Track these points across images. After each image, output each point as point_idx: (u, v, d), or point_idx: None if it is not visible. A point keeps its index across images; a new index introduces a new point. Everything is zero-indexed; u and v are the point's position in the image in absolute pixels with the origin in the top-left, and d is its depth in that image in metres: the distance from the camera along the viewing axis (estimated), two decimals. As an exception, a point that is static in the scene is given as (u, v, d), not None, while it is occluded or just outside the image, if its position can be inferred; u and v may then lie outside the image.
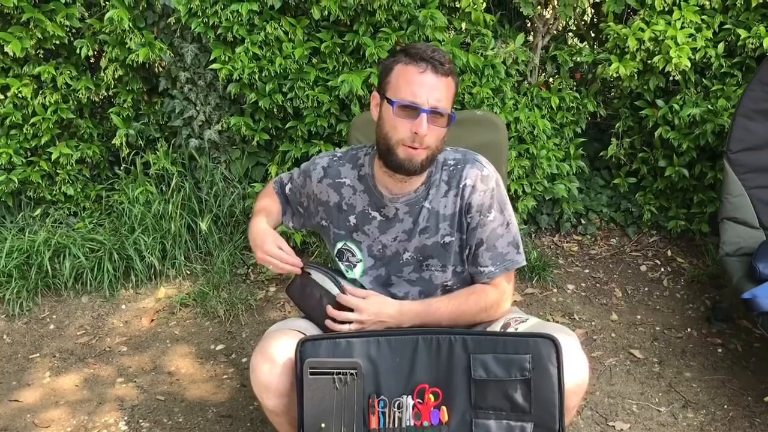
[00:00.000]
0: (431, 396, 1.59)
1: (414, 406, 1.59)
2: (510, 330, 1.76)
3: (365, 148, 1.89)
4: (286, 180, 2.01)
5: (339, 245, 1.89)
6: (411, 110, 1.64)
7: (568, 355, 1.56)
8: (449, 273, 1.84)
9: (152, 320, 3.08)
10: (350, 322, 1.74)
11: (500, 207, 1.81)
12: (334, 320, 1.75)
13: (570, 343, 1.61)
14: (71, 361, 2.83)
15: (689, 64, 3.00)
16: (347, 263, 1.89)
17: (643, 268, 3.37)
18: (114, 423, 2.49)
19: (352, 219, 1.85)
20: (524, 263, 1.86)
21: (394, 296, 1.84)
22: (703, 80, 3.19)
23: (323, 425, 1.51)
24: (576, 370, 1.60)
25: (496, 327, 1.82)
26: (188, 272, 3.34)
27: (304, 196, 1.94)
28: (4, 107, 3.19)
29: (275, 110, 3.13)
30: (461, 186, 1.78)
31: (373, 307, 1.75)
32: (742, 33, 3.00)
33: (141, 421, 2.50)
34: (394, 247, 1.83)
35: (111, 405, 2.58)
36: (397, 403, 1.59)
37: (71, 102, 3.29)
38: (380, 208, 1.82)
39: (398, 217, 1.81)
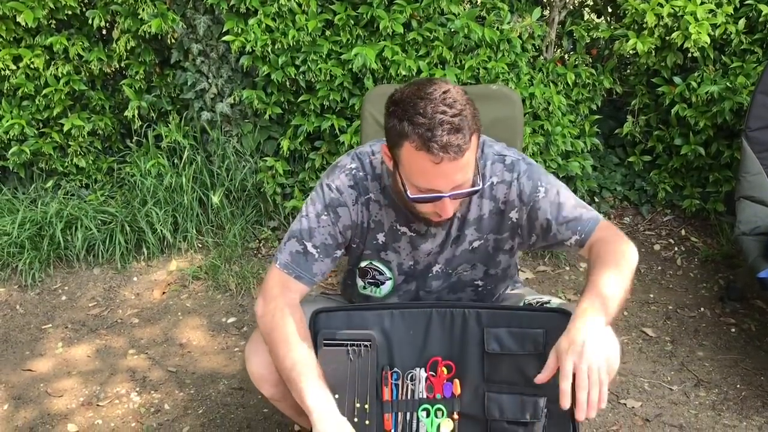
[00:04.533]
0: (444, 369, 1.59)
1: (427, 378, 1.58)
2: None
3: (377, 155, 1.65)
4: (298, 249, 1.63)
5: (363, 264, 1.74)
6: (430, 191, 1.46)
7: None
8: (479, 270, 1.75)
9: (164, 293, 3.08)
10: None
11: (544, 181, 1.61)
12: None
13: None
14: (83, 332, 2.84)
15: (708, 41, 2.95)
16: (372, 281, 1.76)
17: (657, 247, 3.35)
18: (126, 393, 2.51)
19: (381, 237, 1.67)
20: (600, 218, 1.61)
21: (420, 298, 1.76)
22: (722, 57, 3.14)
23: (336, 396, 1.50)
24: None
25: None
26: (200, 245, 3.34)
27: (339, 232, 1.65)
28: (16, 78, 3.18)
29: (288, 83, 3.11)
30: (486, 186, 1.62)
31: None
32: (764, 9, 2.94)
33: (152, 392, 2.51)
34: (425, 262, 1.70)
35: (123, 376, 2.60)
36: (410, 375, 1.59)
37: (83, 73, 3.27)
38: (410, 222, 1.65)
39: (430, 231, 1.65)
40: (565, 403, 1.30)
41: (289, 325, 1.53)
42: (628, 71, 3.53)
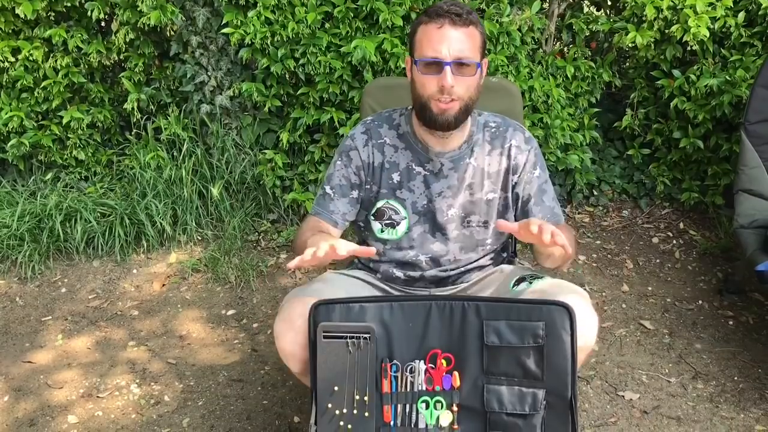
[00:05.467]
0: (443, 361, 1.59)
1: (426, 371, 1.59)
2: (524, 285, 1.77)
3: (398, 110, 1.90)
4: (320, 193, 1.89)
5: (380, 204, 1.87)
6: (435, 66, 1.66)
7: (580, 317, 1.57)
8: (490, 230, 1.89)
9: (163, 285, 3.09)
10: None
11: (542, 166, 1.88)
12: None
13: (581, 304, 1.62)
14: (83, 324, 2.85)
15: (708, 34, 2.95)
16: (388, 221, 1.87)
17: (655, 240, 3.35)
18: (126, 385, 2.51)
19: (396, 176, 1.84)
20: (563, 220, 1.93)
21: (434, 252, 1.87)
22: (722, 50, 3.13)
23: (336, 388, 1.51)
24: (586, 330, 1.62)
25: (512, 279, 1.85)
26: (199, 238, 3.35)
27: (353, 173, 1.86)
28: (15, 70, 3.18)
29: (287, 76, 3.10)
30: (506, 146, 1.84)
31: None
32: (764, 2, 2.93)
33: (152, 383, 2.52)
34: (438, 203, 1.83)
35: (123, 368, 2.60)
36: (409, 367, 1.60)
37: (82, 66, 3.27)
38: (424, 162, 1.83)
39: (443, 172, 1.82)
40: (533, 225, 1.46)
41: (308, 231, 1.80)
42: (628, 64, 3.53)
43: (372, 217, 1.89)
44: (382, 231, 1.89)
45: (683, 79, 3.17)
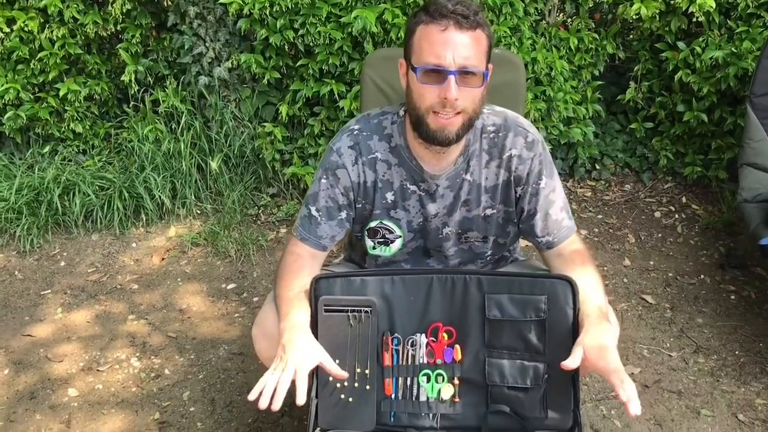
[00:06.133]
0: (445, 335, 1.58)
1: (427, 344, 1.58)
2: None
3: (388, 115, 1.68)
4: (305, 213, 1.70)
5: (373, 224, 1.73)
6: (437, 74, 1.46)
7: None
8: (490, 244, 1.77)
9: (163, 259, 3.08)
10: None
11: (549, 172, 1.68)
12: None
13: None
14: (82, 298, 2.84)
15: (714, 5, 2.91)
16: (381, 240, 1.75)
17: (657, 214, 3.34)
18: (126, 359, 2.51)
19: (390, 196, 1.68)
20: (575, 228, 1.72)
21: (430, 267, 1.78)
22: (728, 21, 3.09)
23: (337, 361, 1.50)
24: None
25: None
26: (198, 212, 3.33)
27: (340, 194, 1.68)
28: (10, 41, 3.13)
29: (286, 47, 3.06)
30: (505, 157, 1.64)
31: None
32: (771, -28, 2.89)
33: (153, 357, 2.52)
34: (434, 223, 1.71)
35: (123, 341, 2.60)
36: (410, 341, 1.58)
37: (78, 37, 3.22)
38: (419, 182, 1.66)
39: (438, 192, 1.66)
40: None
41: (292, 275, 1.64)
42: (632, 36, 3.48)
43: (365, 233, 1.77)
44: (374, 248, 1.77)
45: (688, 51, 3.13)
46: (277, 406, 1.34)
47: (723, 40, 3.07)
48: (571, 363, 1.39)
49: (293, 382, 1.37)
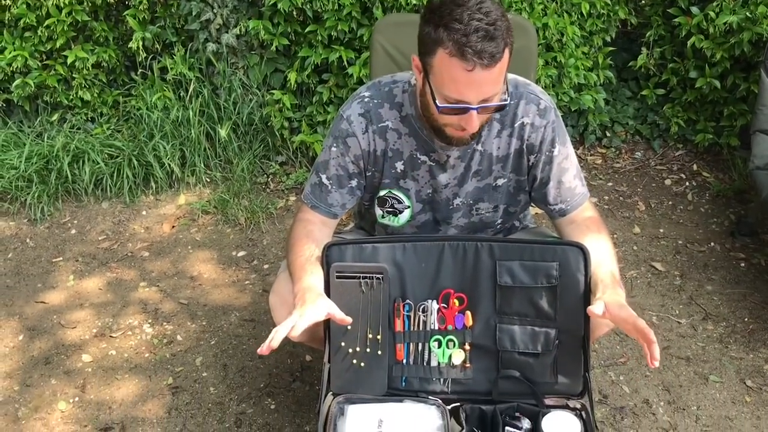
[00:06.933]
0: (456, 301, 1.59)
1: (439, 310, 1.59)
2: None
3: (399, 83, 1.65)
4: (315, 181, 1.70)
5: (382, 193, 1.73)
6: (458, 107, 1.45)
7: None
8: (500, 212, 1.77)
9: (173, 226, 3.09)
10: None
11: (562, 139, 1.67)
12: None
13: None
14: (94, 265, 2.86)
15: (729, -32, 2.86)
16: (390, 210, 1.76)
17: (668, 181, 3.32)
18: (138, 325, 2.54)
19: (399, 165, 1.67)
20: (588, 195, 1.74)
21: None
22: (743, -15, 3.04)
23: (349, 327, 1.51)
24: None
25: None
26: (208, 180, 3.33)
27: (351, 162, 1.67)
28: (17, 8, 3.11)
29: (294, 13, 3.03)
30: (517, 125, 1.63)
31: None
32: (789, -66, 2.83)
33: (165, 323, 2.54)
34: (444, 194, 1.70)
35: (135, 308, 2.63)
36: (422, 307, 1.59)
37: (86, 3, 3.19)
38: (429, 152, 1.65)
39: (449, 163, 1.65)
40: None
41: (303, 241, 1.64)
42: (644, 1, 3.43)
43: (375, 201, 1.77)
44: (383, 217, 1.78)
45: (701, 17, 3.08)
46: (275, 344, 1.37)
47: (737, 4, 3.02)
48: (596, 309, 1.42)
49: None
